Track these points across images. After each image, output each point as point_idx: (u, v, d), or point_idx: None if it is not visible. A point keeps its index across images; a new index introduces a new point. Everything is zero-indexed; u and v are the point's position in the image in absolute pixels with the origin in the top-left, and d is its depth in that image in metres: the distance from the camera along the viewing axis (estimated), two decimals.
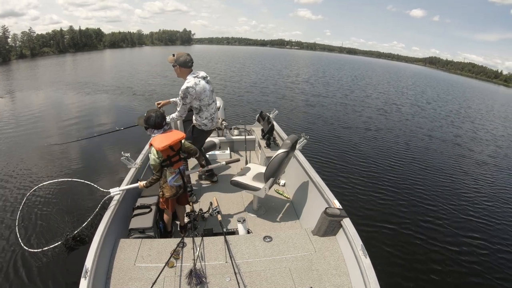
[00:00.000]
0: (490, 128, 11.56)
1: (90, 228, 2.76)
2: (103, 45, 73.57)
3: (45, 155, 5.60)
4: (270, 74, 22.51)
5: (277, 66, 31.97)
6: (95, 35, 72.65)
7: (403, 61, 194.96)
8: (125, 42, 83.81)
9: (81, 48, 63.01)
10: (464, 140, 8.88)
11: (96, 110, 9.54)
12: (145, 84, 14.50)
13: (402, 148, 7.32)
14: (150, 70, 21.03)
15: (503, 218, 4.41)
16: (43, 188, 3.90)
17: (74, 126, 7.66)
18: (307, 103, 12.08)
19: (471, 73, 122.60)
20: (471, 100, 21.90)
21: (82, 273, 1.65)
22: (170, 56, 2.78)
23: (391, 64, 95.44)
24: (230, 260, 1.97)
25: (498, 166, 6.98)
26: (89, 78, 16.54)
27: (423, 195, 4.82)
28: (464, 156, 7.39)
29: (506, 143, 9.45)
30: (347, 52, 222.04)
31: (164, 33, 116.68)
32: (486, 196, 5.11)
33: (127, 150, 2.82)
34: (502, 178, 6.18)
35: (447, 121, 11.47)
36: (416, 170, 5.93)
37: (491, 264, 3.38)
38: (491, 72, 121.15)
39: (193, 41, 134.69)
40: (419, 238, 3.69)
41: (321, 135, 7.65)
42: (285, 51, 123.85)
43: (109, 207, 2.32)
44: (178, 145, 2.22)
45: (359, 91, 17.44)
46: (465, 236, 3.85)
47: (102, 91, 12.40)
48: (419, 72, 61.28)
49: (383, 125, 9.44)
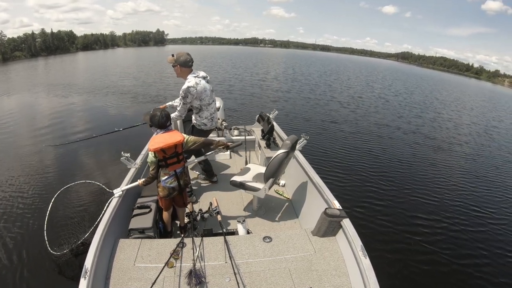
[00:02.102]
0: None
1: (89, 228, 2.76)
2: (76, 48, 71.49)
3: (38, 158, 5.57)
4: (240, 72, 22.45)
5: (260, 65, 31.86)
6: (67, 38, 70.62)
7: (376, 56, 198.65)
8: (98, 44, 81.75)
9: (54, 51, 60.35)
10: (466, 140, 8.91)
11: (74, 113, 9.18)
12: (120, 85, 14.27)
13: (403, 147, 7.32)
14: (125, 72, 20.61)
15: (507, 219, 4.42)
16: (50, 192, 3.85)
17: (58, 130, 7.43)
18: (277, 99, 12.27)
19: (443, 67, 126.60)
20: (449, 92, 22.88)
21: (82, 273, 1.65)
22: (170, 56, 2.79)
23: (365, 60, 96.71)
24: (229, 261, 1.97)
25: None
26: (70, 80, 16.35)
27: (424, 196, 4.82)
28: (465, 155, 7.41)
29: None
30: (320, 49, 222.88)
31: (137, 34, 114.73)
32: (487, 196, 5.11)
33: (127, 150, 2.83)
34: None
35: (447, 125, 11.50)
36: (417, 171, 5.92)
37: (492, 264, 3.38)
38: (463, 65, 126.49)
39: (167, 41, 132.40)
40: (419, 238, 3.69)
41: (321, 135, 7.65)
42: (258, 49, 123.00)
43: (108, 207, 2.32)
44: (173, 149, 2.17)
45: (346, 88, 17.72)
46: (465, 235, 3.85)
47: (79, 94, 12.11)
48: (392, 67, 62.62)
49: (383, 125, 9.44)
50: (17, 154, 5.79)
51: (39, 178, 4.71)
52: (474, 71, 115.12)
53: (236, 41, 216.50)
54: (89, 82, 15.55)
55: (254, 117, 4.54)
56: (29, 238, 3.26)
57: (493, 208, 4.72)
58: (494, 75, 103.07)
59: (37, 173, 4.90)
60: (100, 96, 11.73)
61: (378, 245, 3.42)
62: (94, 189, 3.81)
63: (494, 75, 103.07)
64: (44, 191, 4.26)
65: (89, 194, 3.96)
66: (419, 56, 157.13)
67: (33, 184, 4.49)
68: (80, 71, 23.97)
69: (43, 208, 3.47)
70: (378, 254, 3.19)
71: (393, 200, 4.59)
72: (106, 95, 11.84)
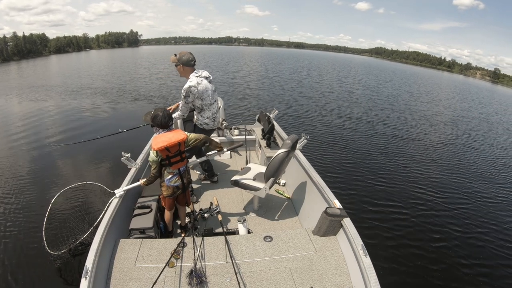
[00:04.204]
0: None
1: (90, 229, 2.76)
2: (49, 51, 69.14)
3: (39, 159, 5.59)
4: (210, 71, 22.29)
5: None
6: (40, 41, 68.63)
7: (350, 52, 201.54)
8: (71, 46, 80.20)
9: (26, 55, 57.57)
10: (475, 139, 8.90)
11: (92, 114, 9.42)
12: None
13: (403, 148, 7.31)
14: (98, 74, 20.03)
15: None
16: (53, 192, 3.85)
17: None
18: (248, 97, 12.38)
19: (415, 61, 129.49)
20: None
21: (83, 273, 1.65)
22: (172, 56, 2.79)
23: (338, 56, 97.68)
24: (230, 260, 1.97)
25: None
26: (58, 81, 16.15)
27: (424, 195, 4.82)
28: (463, 155, 7.40)
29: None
30: (294, 46, 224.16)
31: (111, 35, 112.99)
32: (488, 196, 5.11)
33: (127, 150, 2.83)
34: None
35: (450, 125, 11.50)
36: (419, 169, 5.91)
37: (492, 264, 3.38)
38: (435, 59, 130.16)
39: (140, 42, 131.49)
40: (419, 237, 3.69)
41: (321, 135, 7.65)
42: (232, 48, 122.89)
43: (109, 207, 2.32)
44: (176, 148, 2.18)
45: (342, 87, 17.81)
46: (465, 235, 3.85)
47: (72, 97, 11.82)
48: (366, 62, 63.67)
49: (383, 124, 9.43)
50: (17, 154, 5.81)
51: (39, 179, 4.72)
52: (447, 65, 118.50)
53: (211, 40, 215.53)
54: (77, 83, 15.50)
55: (248, 117, 4.54)
56: (30, 238, 3.26)
57: (496, 208, 4.71)
58: (466, 68, 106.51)
59: (36, 175, 4.90)
60: (98, 96, 11.75)
61: (378, 244, 3.43)
62: (95, 190, 3.80)
63: (466, 68, 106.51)
64: (45, 192, 4.26)
65: (90, 195, 3.95)
66: (392, 51, 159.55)
67: (33, 185, 4.50)
68: (60, 73, 22.91)
69: (44, 209, 3.47)
70: (379, 253, 3.21)
71: (394, 199, 4.58)
72: (106, 95, 11.87)
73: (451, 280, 3.07)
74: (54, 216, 3.53)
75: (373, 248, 2.39)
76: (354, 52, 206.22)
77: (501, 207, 4.75)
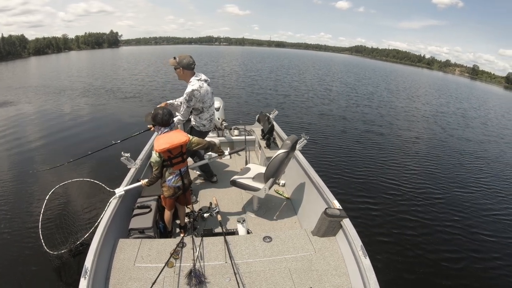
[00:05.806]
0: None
1: (89, 228, 2.76)
2: (28, 53, 66.84)
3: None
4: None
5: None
6: (19, 42, 66.66)
7: (331, 51, 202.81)
8: (50, 48, 78.22)
9: (5, 57, 54.85)
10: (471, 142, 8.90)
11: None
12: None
13: (403, 148, 7.31)
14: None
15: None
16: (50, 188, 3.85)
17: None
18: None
19: (395, 59, 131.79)
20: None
21: (82, 273, 1.65)
22: (171, 59, 2.78)
23: (318, 55, 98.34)
24: (229, 260, 1.97)
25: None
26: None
27: (424, 195, 4.82)
28: (464, 155, 7.41)
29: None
30: (275, 45, 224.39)
31: (90, 36, 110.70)
32: (489, 196, 5.11)
33: (127, 150, 2.82)
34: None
35: None
36: (417, 171, 5.91)
37: (493, 264, 3.37)
38: (415, 56, 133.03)
39: (121, 42, 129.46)
40: (419, 238, 3.69)
41: (322, 135, 7.65)
42: (213, 48, 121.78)
43: (109, 207, 2.32)
44: (178, 149, 2.19)
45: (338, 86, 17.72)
46: (465, 235, 3.85)
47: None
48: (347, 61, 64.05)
49: (384, 124, 9.43)
50: (17, 154, 5.80)
51: (38, 180, 4.70)
52: (426, 62, 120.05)
53: (191, 40, 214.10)
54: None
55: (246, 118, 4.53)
56: (27, 237, 3.24)
57: (499, 208, 4.70)
58: (445, 65, 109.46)
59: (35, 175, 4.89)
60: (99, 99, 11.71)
61: (378, 245, 3.43)
62: (94, 188, 3.78)
63: (445, 65, 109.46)
64: (42, 188, 4.24)
65: (89, 193, 3.91)
66: (373, 49, 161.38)
67: (33, 183, 4.49)
68: (40, 75, 21.69)
69: (40, 206, 3.47)
70: (378, 254, 3.20)
71: (393, 200, 4.58)
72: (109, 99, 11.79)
73: (451, 280, 3.07)
74: (51, 213, 3.52)
75: (373, 248, 2.38)
76: (335, 50, 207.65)
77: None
